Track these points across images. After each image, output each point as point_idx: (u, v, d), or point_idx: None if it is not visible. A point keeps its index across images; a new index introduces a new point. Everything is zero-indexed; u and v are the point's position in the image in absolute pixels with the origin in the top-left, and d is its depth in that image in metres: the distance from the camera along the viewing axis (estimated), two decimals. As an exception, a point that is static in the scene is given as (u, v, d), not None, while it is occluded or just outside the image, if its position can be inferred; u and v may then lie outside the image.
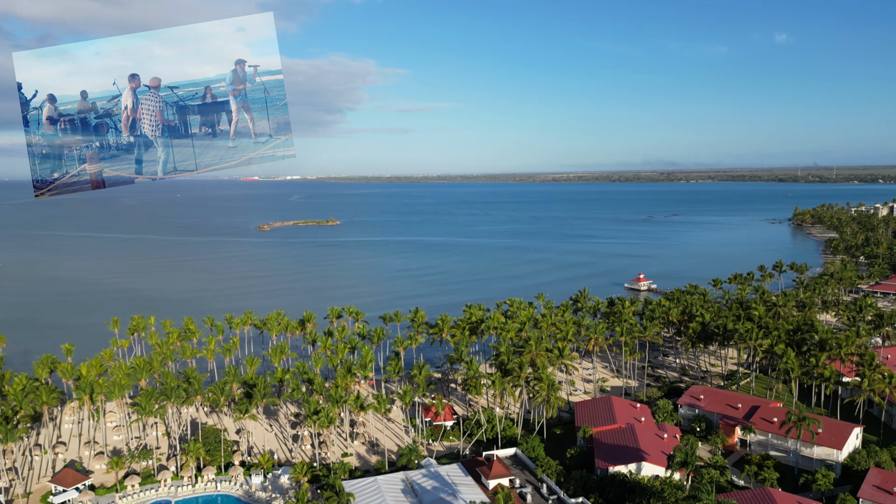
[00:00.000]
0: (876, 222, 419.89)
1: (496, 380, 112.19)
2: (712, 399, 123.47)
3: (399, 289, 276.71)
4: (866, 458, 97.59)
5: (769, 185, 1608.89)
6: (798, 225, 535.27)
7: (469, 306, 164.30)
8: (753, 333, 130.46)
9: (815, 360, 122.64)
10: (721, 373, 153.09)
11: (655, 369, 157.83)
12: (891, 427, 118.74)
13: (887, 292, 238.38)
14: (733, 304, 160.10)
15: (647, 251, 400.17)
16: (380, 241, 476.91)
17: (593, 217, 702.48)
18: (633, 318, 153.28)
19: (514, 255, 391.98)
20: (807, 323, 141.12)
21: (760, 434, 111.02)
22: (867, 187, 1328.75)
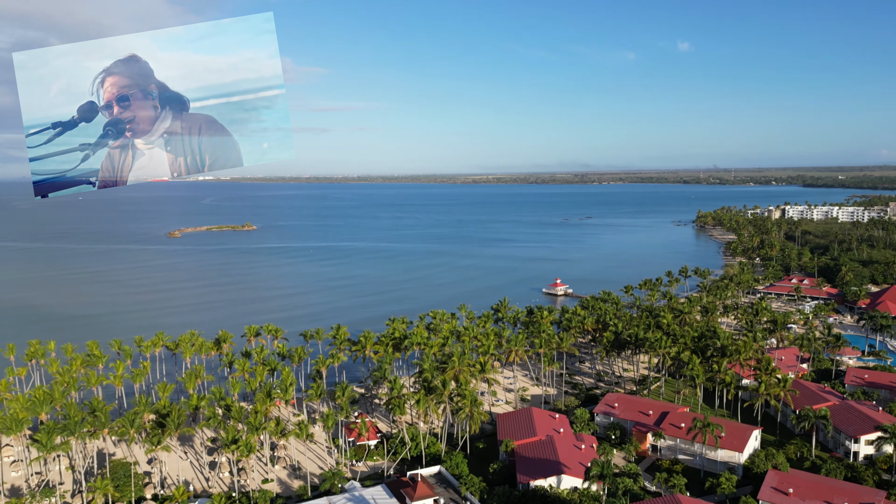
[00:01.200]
0: (770, 225, 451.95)
1: (420, 398, 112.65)
2: (626, 406, 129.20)
3: (321, 300, 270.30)
4: (764, 461, 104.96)
5: (675, 187, 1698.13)
6: (701, 227, 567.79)
7: (392, 320, 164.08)
8: (662, 342, 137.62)
9: (717, 366, 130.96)
10: (634, 377, 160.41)
11: (573, 376, 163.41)
12: (786, 427, 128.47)
13: (780, 293, 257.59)
14: (643, 313, 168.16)
15: (563, 255, 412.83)
16: (300, 248, 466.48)
17: (514, 220, 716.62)
18: (551, 329, 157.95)
19: (440, 260, 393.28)
20: (710, 329, 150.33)
21: (670, 439, 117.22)
22: (762, 189, 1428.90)
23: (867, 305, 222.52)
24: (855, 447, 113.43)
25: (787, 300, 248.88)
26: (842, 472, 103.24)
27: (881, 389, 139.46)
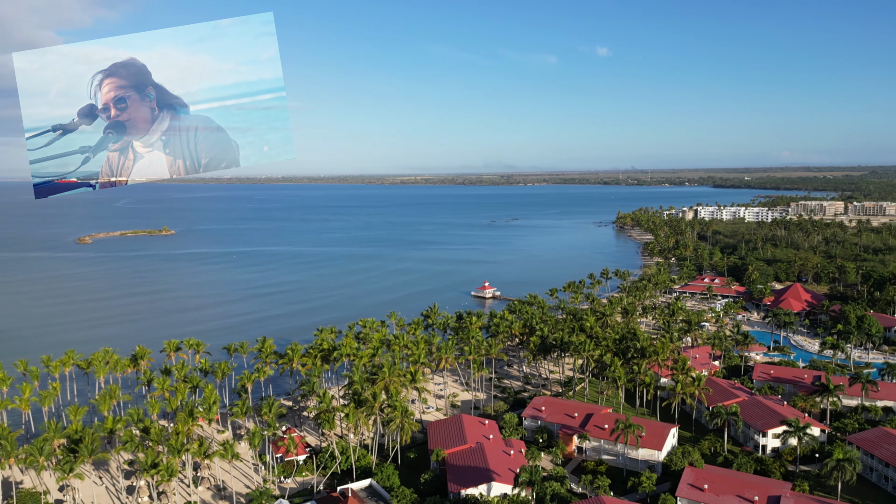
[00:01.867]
0: (684, 226, 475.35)
1: (350, 412, 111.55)
2: (552, 410, 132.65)
3: (245, 310, 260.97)
4: (681, 458, 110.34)
5: (596, 188, 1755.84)
6: (621, 227, 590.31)
7: (320, 330, 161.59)
8: (586, 345, 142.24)
9: (637, 367, 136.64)
10: (560, 379, 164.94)
11: (501, 380, 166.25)
12: (700, 423, 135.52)
13: (694, 292, 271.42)
14: (568, 317, 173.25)
15: (491, 257, 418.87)
16: (221, 253, 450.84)
17: (444, 222, 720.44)
18: (480, 335, 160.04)
19: (370, 264, 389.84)
20: (630, 331, 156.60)
21: (594, 441, 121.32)
22: (676, 189, 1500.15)
23: (772, 303, 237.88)
24: (763, 441, 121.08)
25: (701, 299, 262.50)
26: (751, 465, 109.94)
27: (785, 384, 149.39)
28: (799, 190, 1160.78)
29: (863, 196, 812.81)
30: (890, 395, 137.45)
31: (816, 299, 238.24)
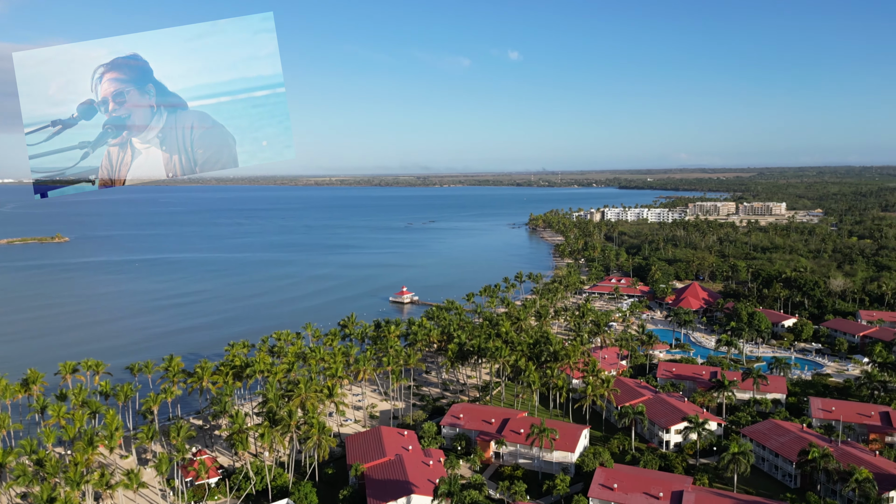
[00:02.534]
0: (592, 228, 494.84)
1: (265, 432, 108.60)
2: (470, 416, 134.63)
3: (149, 325, 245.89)
4: (593, 459, 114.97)
5: (509, 189, 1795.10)
6: (533, 229, 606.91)
7: (232, 345, 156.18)
8: (502, 351, 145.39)
9: (550, 371, 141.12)
10: (477, 384, 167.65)
11: (420, 387, 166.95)
12: (610, 422, 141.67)
13: (603, 292, 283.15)
14: (484, 323, 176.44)
15: (409, 261, 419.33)
16: (123, 262, 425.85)
17: (361, 225, 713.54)
18: (399, 345, 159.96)
19: (286, 271, 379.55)
20: (543, 335, 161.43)
21: (511, 445, 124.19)
22: (585, 191, 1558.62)
23: (673, 301, 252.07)
24: (667, 437, 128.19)
25: (609, 299, 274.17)
26: (656, 462, 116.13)
27: (686, 381, 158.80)
28: (696, 191, 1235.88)
29: (752, 196, 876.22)
30: (778, 388, 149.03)
31: (713, 297, 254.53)
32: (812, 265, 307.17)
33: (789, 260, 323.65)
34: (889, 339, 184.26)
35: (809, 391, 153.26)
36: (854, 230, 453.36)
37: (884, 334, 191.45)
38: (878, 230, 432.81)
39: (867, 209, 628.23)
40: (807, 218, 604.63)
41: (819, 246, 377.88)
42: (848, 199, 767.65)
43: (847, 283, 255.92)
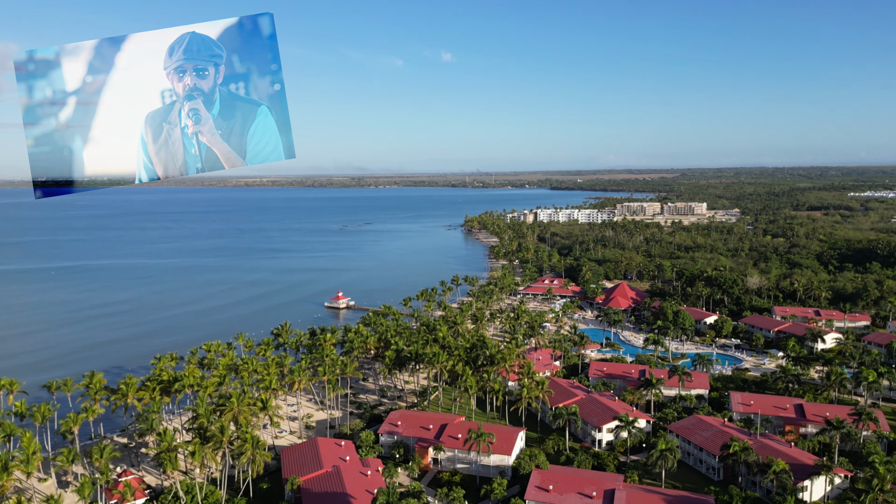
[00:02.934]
0: (525, 229, 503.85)
1: (196, 449, 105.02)
2: (408, 423, 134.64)
3: (69, 338, 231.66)
4: (528, 461, 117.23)
5: (444, 190, 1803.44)
6: (469, 231, 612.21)
7: (159, 358, 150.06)
8: (439, 356, 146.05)
9: (487, 375, 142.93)
10: (415, 389, 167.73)
11: (357, 395, 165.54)
12: (545, 423, 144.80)
13: (536, 293, 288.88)
14: (422, 328, 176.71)
15: (344, 264, 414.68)
16: (37, 270, 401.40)
17: (295, 228, 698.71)
18: (335, 353, 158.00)
19: (218, 277, 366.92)
20: (480, 339, 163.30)
21: (449, 451, 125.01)
22: (518, 192, 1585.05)
23: (603, 301, 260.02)
24: (599, 436, 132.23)
25: (542, 300, 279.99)
26: (589, 461, 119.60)
27: (616, 379, 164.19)
28: (623, 191, 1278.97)
29: (675, 197, 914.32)
30: (701, 384, 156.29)
31: (640, 296, 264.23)
32: (731, 263, 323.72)
33: (710, 259, 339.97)
34: (801, 334, 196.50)
35: (730, 385, 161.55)
36: (768, 229, 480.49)
37: (796, 329, 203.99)
38: (790, 229, 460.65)
39: (780, 208, 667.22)
40: (725, 217, 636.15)
41: (737, 245, 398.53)
42: (762, 199, 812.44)
43: (762, 280, 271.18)
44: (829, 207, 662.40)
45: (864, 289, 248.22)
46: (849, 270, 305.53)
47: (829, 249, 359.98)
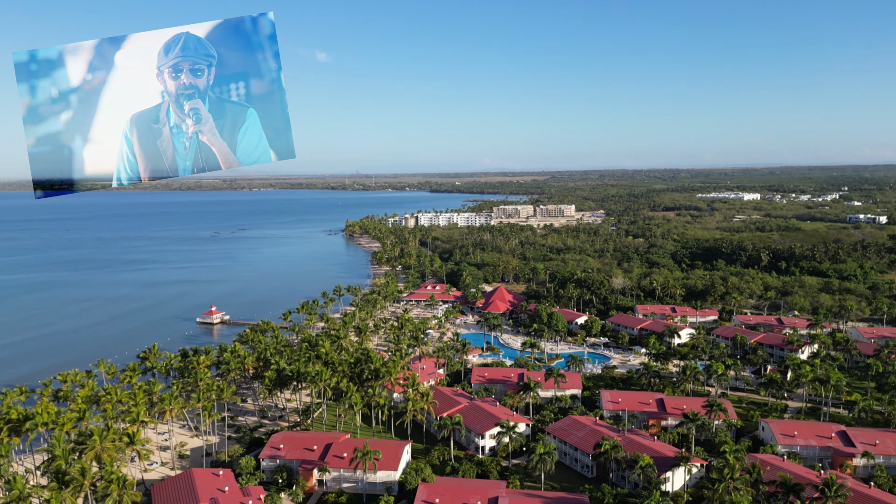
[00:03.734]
0: (407, 234, 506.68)
1: (52, 496, 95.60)
2: (291, 445, 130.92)
3: None
4: (415, 475, 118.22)
5: (324, 193, 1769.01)
6: (350, 236, 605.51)
7: (5, 394, 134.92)
8: (322, 374, 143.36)
9: (372, 390, 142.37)
10: (297, 408, 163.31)
11: (235, 418, 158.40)
12: (430, 433, 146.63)
13: (419, 300, 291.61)
14: (303, 344, 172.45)
15: (218, 275, 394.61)
16: None
17: (163, 236, 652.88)
18: (209, 376, 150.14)
19: (76, 294, 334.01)
20: (364, 353, 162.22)
21: (335, 471, 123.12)
22: (399, 194, 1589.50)
23: (483, 305, 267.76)
24: (482, 442, 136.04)
25: (426, 306, 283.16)
26: (474, 469, 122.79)
27: (497, 384, 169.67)
28: (499, 194, 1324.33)
29: (547, 199, 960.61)
30: (574, 384, 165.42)
31: (517, 299, 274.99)
32: (598, 264, 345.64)
33: (579, 260, 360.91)
34: (660, 331, 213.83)
35: (600, 384, 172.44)
36: (630, 229, 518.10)
37: (656, 326, 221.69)
38: (649, 229, 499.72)
39: (639, 209, 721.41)
40: (592, 219, 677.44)
41: (603, 246, 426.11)
42: (624, 201, 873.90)
43: (626, 280, 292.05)
44: (680, 208, 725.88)
45: (712, 285, 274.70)
46: (699, 268, 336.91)
47: (681, 249, 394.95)
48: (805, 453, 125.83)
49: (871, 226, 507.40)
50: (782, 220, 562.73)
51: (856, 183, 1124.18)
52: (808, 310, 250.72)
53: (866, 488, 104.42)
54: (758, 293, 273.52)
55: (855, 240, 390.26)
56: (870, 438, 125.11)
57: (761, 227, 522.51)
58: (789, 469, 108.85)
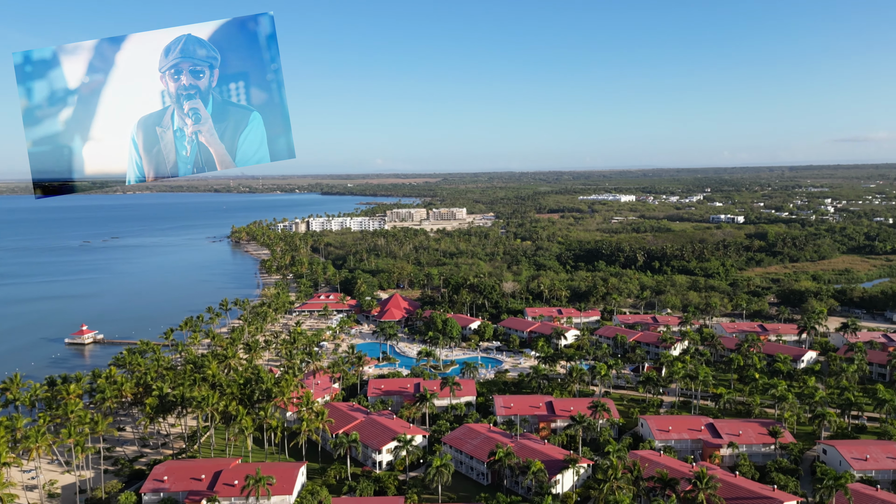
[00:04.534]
0: (298, 240, 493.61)
1: None
2: (176, 476, 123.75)
3: None
4: (311, 498, 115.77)
5: (207, 196, 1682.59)
6: (236, 243, 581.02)
7: None
8: (209, 399, 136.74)
9: (264, 412, 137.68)
10: (183, 433, 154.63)
11: (113, 449, 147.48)
12: (326, 450, 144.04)
13: (313, 310, 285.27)
14: (188, 367, 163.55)
15: (89, 290, 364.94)
16: None
17: (22, 247, 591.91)
18: (82, 408, 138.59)
19: None
20: (255, 372, 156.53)
21: (225, 500, 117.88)
22: (288, 197, 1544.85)
23: (378, 314, 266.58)
24: (379, 457, 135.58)
25: (319, 316, 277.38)
26: (371, 487, 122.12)
27: (394, 396, 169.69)
28: (392, 196, 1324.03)
29: (439, 202, 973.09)
30: (469, 391, 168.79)
31: (413, 306, 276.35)
32: (489, 268, 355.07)
33: (472, 264, 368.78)
34: (548, 333, 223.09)
35: (494, 389, 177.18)
36: (518, 232, 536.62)
37: (544, 329, 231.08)
38: (535, 232, 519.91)
39: (526, 212, 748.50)
40: (483, 221, 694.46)
41: (493, 249, 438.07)
42: (512, 203, 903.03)
43: (515, 283, 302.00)
44: (564, 210, 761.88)
45: (594, 286, 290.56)
46: (582, 269, 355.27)
47: (566, 251, 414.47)
48: (679, 447, 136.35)
49: (730, 225, 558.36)
50: (655, 221, 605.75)
51: (717, 185, 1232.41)
52: (679, 307, 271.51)
53: (732, 477, 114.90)
54: (635, 293, 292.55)
55: (717, 239, 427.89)
56: (734, 429, 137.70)
57: (637, 227, 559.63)
58: (666, 464, 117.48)
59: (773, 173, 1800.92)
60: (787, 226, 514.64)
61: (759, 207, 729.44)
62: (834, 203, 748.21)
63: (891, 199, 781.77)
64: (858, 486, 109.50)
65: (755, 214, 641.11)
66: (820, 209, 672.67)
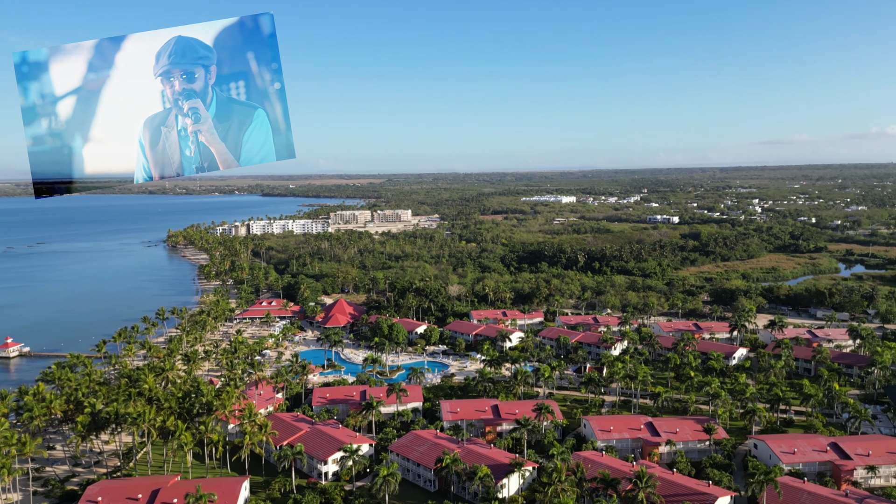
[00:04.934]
0: (238, 245, 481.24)
1: None
2: (111, 497, 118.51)
3: None
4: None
5: (140, 199, 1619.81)
6: (173, 247, 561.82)
7: None
8: (146, 415, 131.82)
9: (204, 426, 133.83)
10: (118, 450, 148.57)
11: (42, 469, 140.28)
12: (270, 462, 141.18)
13: (254, 317, 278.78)
14: (122, 381, 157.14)
15: (13, 299, 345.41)
16: None
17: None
18: (7, 429, 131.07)
19: None
20: (194, 385, 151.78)
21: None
22: (227, 199, 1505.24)
23: (322, 319, 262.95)
24: (325, 468, 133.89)
25: (261, 323, 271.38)
26: (317, 499, 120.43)
27: (339, 404, 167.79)
28: (336, 197, 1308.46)
29: (384, 204, 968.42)
30: (415, 397, 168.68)
31: (358, 311, 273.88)
32: (435, 271, 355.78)
33: (417, 267, 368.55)
34: (493, 336, 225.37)
35: (440, 394, 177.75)
36: (463, 234, 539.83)
37: (490, 331, 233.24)
38: (480, 234, 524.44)
39: (471, 213, 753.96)
40: (428, 223, 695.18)
41: (439, 252, 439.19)
42: (456, 205, 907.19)
43: (461, 286, 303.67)
44: (507, 212, 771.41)
45: (537, 288, 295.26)
46: (525, 271, 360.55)
47: (509, 252, 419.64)
48: (620, 446, 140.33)
49: (666, 226, 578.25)
50: (595, 222, 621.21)
51: (653, 185, 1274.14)
52: (618, 307, 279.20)
53: (670, 474, 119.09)
54: (576, 294, 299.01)
55: (654, 240, 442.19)
56: (672, 427, 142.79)
57: (577, 228, 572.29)
58: (608, 464, 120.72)
59: (706, 174, 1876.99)
60: (718, 226, 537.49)
61: (692, 208, 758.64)
62: (761, 203, 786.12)
63: (813, 199, 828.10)
64: (787, 479, 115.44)
65: (689, 215, 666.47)
66: (748, 209, 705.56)
